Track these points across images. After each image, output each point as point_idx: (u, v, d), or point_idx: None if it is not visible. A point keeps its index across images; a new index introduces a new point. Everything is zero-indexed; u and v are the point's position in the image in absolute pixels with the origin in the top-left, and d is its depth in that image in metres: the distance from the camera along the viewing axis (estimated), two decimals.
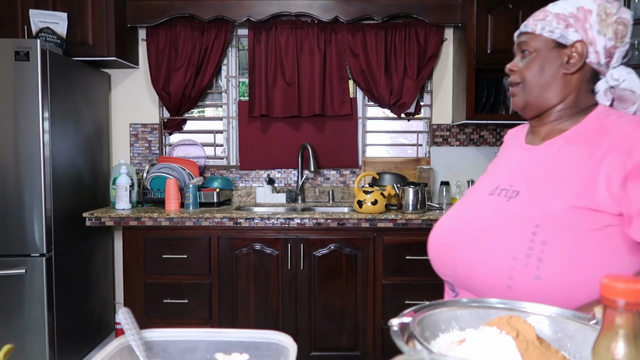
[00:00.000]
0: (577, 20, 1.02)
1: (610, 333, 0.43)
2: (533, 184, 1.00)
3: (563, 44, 1.03)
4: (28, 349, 2.40)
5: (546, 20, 1.04)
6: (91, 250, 2.90)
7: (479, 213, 1.05)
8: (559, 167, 1.00)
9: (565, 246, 0.92)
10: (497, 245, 0.98)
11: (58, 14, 2.72)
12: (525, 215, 0.97)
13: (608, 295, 0.43)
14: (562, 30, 1.03)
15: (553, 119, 1.08)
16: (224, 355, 0.77)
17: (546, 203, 0.96)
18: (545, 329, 0.71)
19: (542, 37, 1.05)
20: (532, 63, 1.06)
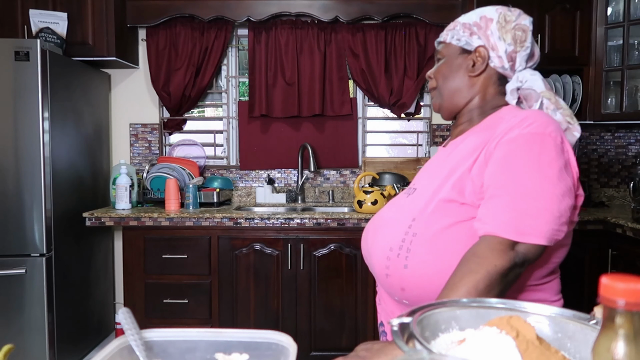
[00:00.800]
0: (479, 28, 1.10)
1: (610, 333, 0.43)
2: (428, 182, 1.08)
3: (468, 50, 1.12)
4: (28, 349, 2.40)
5: (455, 30, 1.13)
6: (91, 250, 2.90)
7: (389, 209, 1.14)
8: (449, 164, 1.06)
9: (431, 237, 0.99)
10: (382, 237, 1.07)
11: (58, 14, 2.72)
12: (409, 210, 1.05)
13: (608, 295, 0.43)
14: (467, 38, 1.11)
15: (464, 120, 1.14)
16: (224, 355, 0.77)
17: (427, 199, 1.04)
18: (545, 329, 0.71)
19: (451, 45, 1.14)
20: (441, 69, 1.15)
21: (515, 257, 0.90)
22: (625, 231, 2.29)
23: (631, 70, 2.67)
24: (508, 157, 0.94)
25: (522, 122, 0.97)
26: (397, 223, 1.06)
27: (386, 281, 1.05)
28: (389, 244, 1.04)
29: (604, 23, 2.75)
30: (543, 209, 0.90)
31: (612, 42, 2.77)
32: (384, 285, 1.08)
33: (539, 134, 0.94)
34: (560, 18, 2.77)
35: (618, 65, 2.72)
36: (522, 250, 0.91)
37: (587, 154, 3.17)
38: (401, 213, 1.08)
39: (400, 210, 1.09)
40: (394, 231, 1.05)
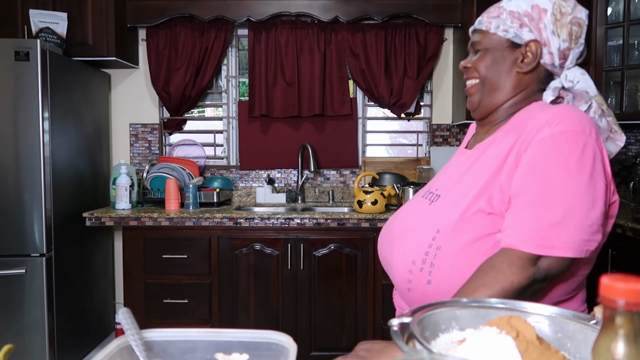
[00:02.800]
0: (531, 19, 0.98)
1: (610, 333, 0.43)
2: (453, 189, 1.00)
3: (516, 43, 0.99)
4: (28, 349, 2.40)
5: (500, 18, 1.00)
6: (91, 250, 2.90)
7: (408, 214, 1.08)
8: (477, 170, 0.97)
9: (456, 252, 0.92)
10: (405, 249, 1.00)
11: (58, 14, 2.72)
12: (433, 220, 0.98)
13: (608, 295, 0.43)
14: (516, 30, 0.99)
15: (495, 118, 1.04)
16: (224, 355, 0.77)
17: (452, 208, 0.95)
18: (545, 329, 0.71)
19: (496, 35, 1.01)
20: (484, 60, 1.02)
21: (535, 273, 0.84)
22: (625, 231, 2.29)
23: (631, 70, 2.67)
24: (535, 160, 0.87)
25: (553, 120, 0.88)
26: (420, 233, 0.98)
27: (407, 295, 0.99)
28: (412, 257, 0.97)
29: (604, 23, 2.75)
30: (570, 217, 0.83)
31: (612, 42, 2.77)
32: (404, 298, 1.02)
33: (571, 132, 0.86)
34: None
35: (618, 65, 2.72)
36: (545, 264, 0.85)
37: None
38: (424, 222, 1.00)
39: (423, 219, 1.01)
40: (417, 242, 0.98)
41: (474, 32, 1.06)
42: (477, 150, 1.03)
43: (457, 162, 1.09)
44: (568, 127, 0.87)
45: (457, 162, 1.09)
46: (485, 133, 1.06)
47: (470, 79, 1.06)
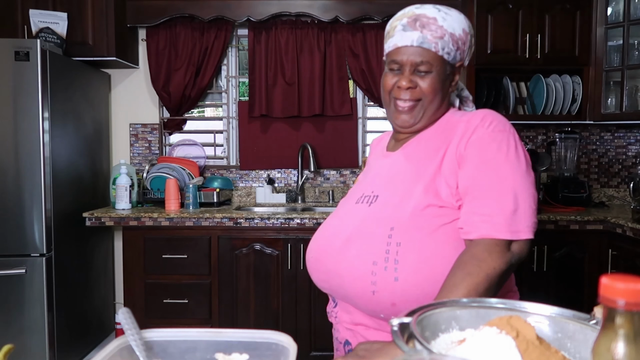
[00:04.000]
0: (463, 43, 1.05)
1: (610, 333, 0.43)
2: (389, 188, 1.04)
3: (452, 64, 1.06)
4: (28, 349, 2.40)
5: (444, 40, 1.02)
6: (91, 250, 2.90)
7: (344, 222, 1.06)
8: (411, 168, 1.04)
9: (417, 245, 0.95)
10: (359, 252, 0.99)
11: (58, 14, 2.72)
12: (382, 219, 0.99)
13: (608, 295, 0.43)
14: (454, 53, 1.04)
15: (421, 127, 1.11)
16: (224, 355, 0.77)
17: (399, 205, 0.99)
18: (545, 329, 0.71)
19: (442, 57, 1.03)
20: (432, 81, 1.04)
21: (511, 258, 0.92)
22: (625, 231, 2.29)
23: (631, 70, 2.67)
24: (481, 157, 0.96)
25: (484, 122, 0.99)
26: (372, 234, 0.99)
27: (372, 298, 0.97)
28: (371, 258, 0.97)
29: (604, 23, 2.75)
30: (525, 204, 0.93)
31: (612, 42, 2.77)
32: (367, 304, 0.99)
33: (504, 132, 0.98)
34: (560, 18, 2.77)
35: (618, 65, 2.72)
36: (517, 248, 0.93)
37: (587, 154, 3.17)
38: (372, 223, 1.01)
39: (369, 220, 1.01)
40: (371, 243, 0.98)
41: (412, 47, 1.03)
42: (403, 150, 1.09)
43: (382, 164, 1.13)
44: (499, 127, 0.99)
45: (382, 164, 1.13)
46: (406, 138, 1.12)
47: (410, 100, 1.05)
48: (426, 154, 1.03)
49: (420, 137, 1.08)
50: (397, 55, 1.05)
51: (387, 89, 1.09)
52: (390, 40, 1.06)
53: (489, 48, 2.78)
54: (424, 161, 1.02)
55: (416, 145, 1.08)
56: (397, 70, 1.06)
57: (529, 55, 2.76)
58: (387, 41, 1.08)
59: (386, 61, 1.10)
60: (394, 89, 1.07)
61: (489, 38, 2.77)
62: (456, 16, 1.04)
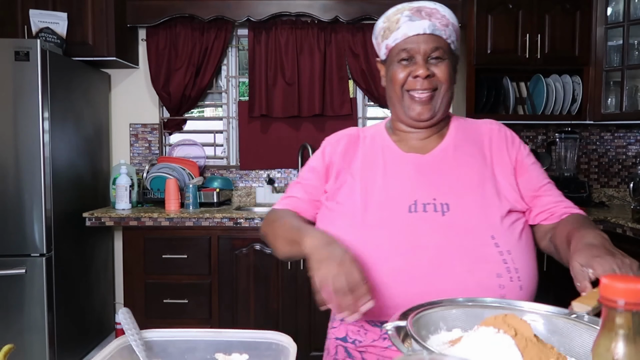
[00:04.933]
0: (458, 36, 1.06)
1: (610, 333, 0.43)
2: (456, 195, 0.98)
3: (456, 56, 1.06)
4: (28, 349, 2.40)
5: (449, 29, 1.01)
6: (91, 250, 2.90)
7: (422, 235, 0.94)
8: (465, 174, 1.01)
9: (520, 250, 0.95)
10: (475, 267, 0.91)
11: (58, 14, 2.72)
12: (477, 229, 0.94)
13: (608, 295, 0.43)
14: (456, 44, 1.05)
15: (439, 125, 1.09)
16: (224, 355, 0.77)
17: (483, 213, 0.96)
18: (538, 327, 0.71)
19: (447, 44, 1.02)
20: (447, 67, 1.02)
21: None
22: (625, 231, 2.29)
23: (631, 70, 2.67)
24: (534, 161, 1.08)
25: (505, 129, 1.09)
26: (477, 246, 0.93)
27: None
28: (494, 271, 0.91)
29: (604, 23, 2.75)
30: None
31: (612, 42, 2.77)
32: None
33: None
34: (560, 18, 2.77)
35: (618, 65, 2.72)
36: None
37: (587, 154, 3.17)
38: (467, 235, 0.93)
39: (456, 231, 0.94)
40: (482, 256, 0.92)
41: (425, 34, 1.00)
42: (441, 154, 1.04)
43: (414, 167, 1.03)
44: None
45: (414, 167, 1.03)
46: (423, 138, 1.07)
47: (428, 89, 1.01)
48: (474, 159, 1.03)
49: (452, 142, 1.06)
50: (407, 45, 1.01)
51: (399, 82, 1.03)
52: (397, 32, 1.02)
53: (489, 48, 2.78)
54: (474, 167, 1.02)
55: (454, 150, 1.04)
56: (408, 60, 1.02)
57: (529, 55, 2.76)
58: (391, 35, 1.04)
59: (391, 55, 1.05)
60: (407, 81, 1.02)
61: (489, 38, 2.77)
62: (449, 10, 1.05)
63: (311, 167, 1.15)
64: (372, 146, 1.10)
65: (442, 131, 1.09)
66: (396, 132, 1.11)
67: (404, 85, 1.03)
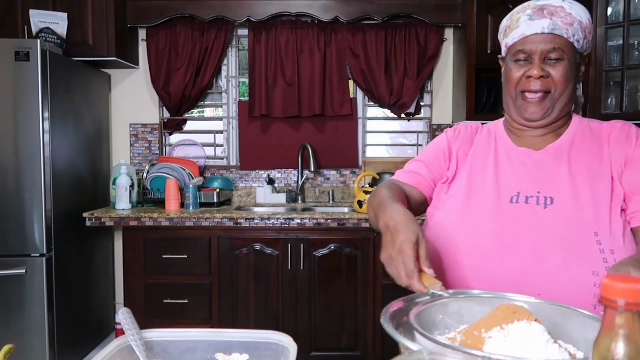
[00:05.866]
0: (590, 32, 1.03)
1: (610, 333, 0.43)
2: (563, 189, 0.97)
3: (581, 54, 1.03)
4: (28, 349, 2.40)
5: (574, 27, 1.00)
6: (91, 250, 2.90)
7: (521, 225, 0.96)
8: (577, 170, 0.99)
9: (625, 250, 0.91)
10: (572, 262, 0.90)
11: (58, 14, 2.72)
12: (580, 224, 0.92)
13: (608, 295, 0.43)
14: (582, 41, 1.02)
15: (553, 126, 1.07)
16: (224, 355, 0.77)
17: (590, 209, 0.94)
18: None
19: (572, 44, 1.00)
20: (563, 71, 1.00)
21: None
22: None
23: (631, 70, 2.67)
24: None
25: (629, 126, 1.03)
26: (577, 242, 0.91)
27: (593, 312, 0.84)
28: (591, 268, 0.89)
29: (604, 23, 2.75)
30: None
31: (612, 42, 2.77)
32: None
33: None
34: None
35: (618, 65, 2.72)
36: None
37: None
38: (566, 229, 0.92)
39: (558, 225, 0.93)
40: (584, 252, 0.90)
41: (544, 34, 1.00)
42: (555, 151, 1.04)
43: (526, 162, 1.04)
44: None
45: (526, 162, 1.04)
46: (539, 135, 1.07)
47: (540, 90, 1.01)
48: (591, 157, 1.01)
49: (569, 140, 1.05)
50: (525, 45, 1.01)
51: (514, 81, 1.04)
52: (516, 31, 1.03)
53: (489, 48, 2.78)
54: (592, 164, 1.00)
55: (570, 147, 1.03)
56: (524, 60, 1.02)
57: None
58: (510, 34, 1.05)
59: (509, 53, 1.06)
60: (522, 80, 1.03)
61: (489, 38, 2.77)
62: (581, 6, 1.02)
63: (435, 148, 1.17)
64: (487, 138, 1.13)
65: (560, 130, 1.07)
66: (511, 129, 1.12)
67: (518, 85, 1.04)
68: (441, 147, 1.16)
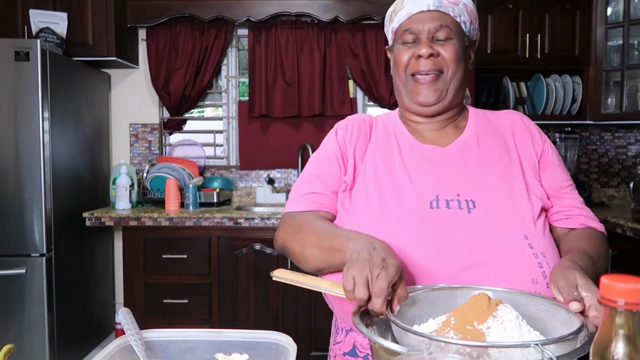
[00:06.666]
0: (475, 18, 0.98)
1: (610, 333, 0.43)
2: (481, 191, 0.90)
3: (470, 39, 0.98)
4: (28, 349, 2.40)
5: (460, 7, 0.94)
6: (91, 250, 2.90)
7: (447, 234, 0.85)
8: (491, 169, 0.93)
9: (553, 251, 0.88)
10: (509, 272, 0.82)
11: (58, 14, 2.72)
12: (509, 228, 0.86)
13: (608, 295, 0.43)
14: (469, 25, 0.96)
15: (451, 115, 1.00)
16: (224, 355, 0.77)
17: (516, 210, 0.88)
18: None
19: (459, 25, 0.94)
20: (453, 49, 0.93)
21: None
22: (625, 231, 2.29)
23: (631, 70, 2.67)
24: (559, 158, 1.01)
25: (528, 120, 1.02)
26: (510, 248, 0.84)
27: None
28: (530, 276, 0.82)
29: (604, 23, 2.75)
30: None
31: (612, 42, 2.77)
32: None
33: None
34: (560, 18, 2.77)
35: (618, 65, 2.72)
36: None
37: (587, 154, 3.17)
38: (497, 235, 0.85)
39: (488, 232, 0.85)
40: (520, 258, 0.84)
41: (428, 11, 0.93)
42: (462, 147, 0.97)
43: (434, 160, 0.95)
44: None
45: (434, 160, 0.95)
46: (439, 129, 1.00)
47: (432, 70, 0.93)
48: (499, 153, 0.96)
49: (473, 134, 0.99)
50: (411, 24, 0.94)
51: (402, 64, 0.96)
52: (401, 13, 0.96)
53: (489, 48, 2.78)
54: (503, 161, 0.95)
55: (476, 143, 0.97)
56: (412, 42, 0.95)
57: (529, 55, 2.76)
58: (396, 17, 0.97)
59: (396, 38, 0.99)
60: (411, 62, 0.95)
61: (489, 38, 2.77)
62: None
63: (326, 156, 1.01)
64: (386, 134, 1.01)
65: (460, 123, 1.02)
66: (407, 122, 1.03)
67: (407, 67, 0.96)
68: (332, 151, 1.01)
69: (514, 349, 0.56)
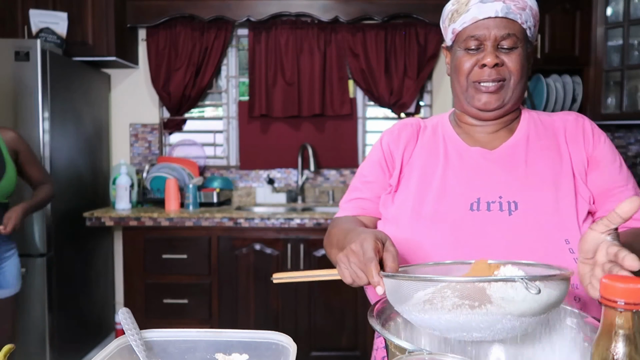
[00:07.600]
0: (538, 20, 0.96)
1: (610, 333, 0.43)
2: (525, 193, 0.90)
3: (531, 43, 0.96)
4: (28, 349, 2.40)
5: (526, 12, 0.91)
6: (91, 250, 2.90)
7: (486, 236, 0.87)
8: (538, 170, 0.92)
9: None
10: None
11: (58, 14, 2.72)
12: (550, 231, 0.85)
13: (608, 295, 0.43)
14: (533, 29, 0.95)
15: (505, 120, 0.99)
16: (224, 355, 0.77)
17: (560, 213, 0.87)
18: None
19: (523, 30, 0.92)
20: (518, 59, 0.92)
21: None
22: None
23: (631, 70, 2.67)
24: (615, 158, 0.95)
25: (584, 119, 0.98)
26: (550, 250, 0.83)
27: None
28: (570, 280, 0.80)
29: (604, 23, 2.75)
30: None
31: (612, 42, 2.77)
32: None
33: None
34: (560, 18, 2.77)
35: (618, 65, 2.72)
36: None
37: None
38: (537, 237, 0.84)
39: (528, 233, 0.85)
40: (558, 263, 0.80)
41: (496, 18, 0.91)
42: (511, 150, 0.96)
43: (480, 163, 0.96)
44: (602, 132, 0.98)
45: (480, 163, 0.96)
46: (492, 132, 0.99)
47: (496, 79, 0.92)
48: (549, 155, 0.93)
49: (523, 137, 0.97)
50: (476, 30, 0.91)
51: (465, 72, 0.94)
52: (465, 15, 0.92)
53: None
54: (549, 162, 0.92)
55: (526, 145, 0.95)
56: (475, 49, 0.93)
57: None
58: (459, 19, 0.94)
59: (457, 41, 0.96)
60: (474, 70, 0.93)
61: None
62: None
63: (371, 162, 1.05)
64: (434, 137, 1.02)
65: (512, 126, 0.99)
66: (460, 124, 1.02)
67: (470, 75, 0.94)
68: (376, 158, 1.05)
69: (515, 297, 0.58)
